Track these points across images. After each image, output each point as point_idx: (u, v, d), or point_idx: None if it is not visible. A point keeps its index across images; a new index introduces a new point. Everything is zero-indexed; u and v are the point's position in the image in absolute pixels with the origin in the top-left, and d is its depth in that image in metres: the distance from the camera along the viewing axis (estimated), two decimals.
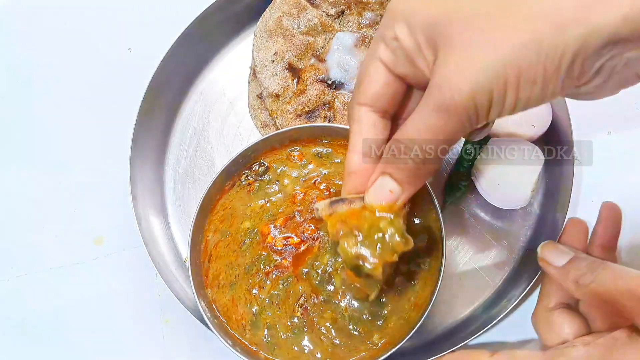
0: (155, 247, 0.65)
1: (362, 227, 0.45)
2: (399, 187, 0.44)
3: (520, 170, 0.61)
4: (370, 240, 0.45)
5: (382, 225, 0.45)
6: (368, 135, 0.46)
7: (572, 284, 0.45)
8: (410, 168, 0.43)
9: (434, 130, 0.40)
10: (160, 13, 0.75)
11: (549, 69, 0.37)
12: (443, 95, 0.38)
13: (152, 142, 0.68)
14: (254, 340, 0.57)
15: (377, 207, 0.45)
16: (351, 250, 0.46)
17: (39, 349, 0.67)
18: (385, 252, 0.45)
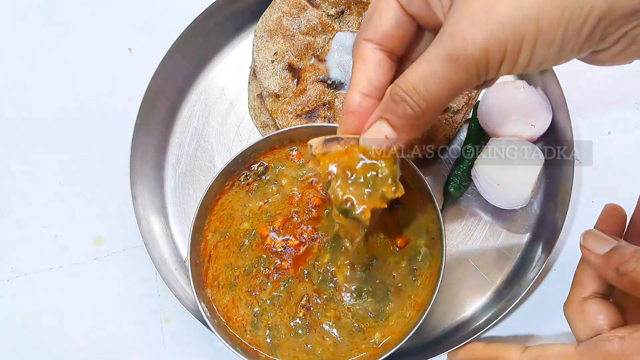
0: (155, 247, 0.65)
1: (354, 170, 0.44)
2: (395, 133, 0.43)
3: (520, 170, 0.61)
4: (361, 185, 0.45)
5: (374, 170, 0.44)
6: (371, 75, 0.44)
7: (613, 272, 0.44)
8: (409, 116, 0.41)
9: (439, 80, 0.39)
10: (160, 13, 0.75)
11: (570, 30, 0.35)
12: (455, 45, 0.37)
13: (152, 142, 0.68)
14: (255, 340, 0.57)
15: (372, 151, 0.44)
16: (341, 193, 0.45)
17: (39, 349, 0.67)
18: (375, 198, 0.45)
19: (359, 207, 0.45)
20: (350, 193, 0.45)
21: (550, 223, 0.63)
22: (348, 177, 0.45)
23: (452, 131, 0.65)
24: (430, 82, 0.39)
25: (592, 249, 0.47)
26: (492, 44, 0.36)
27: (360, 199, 0.45)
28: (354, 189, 0.45)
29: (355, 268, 0.57)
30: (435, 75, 0.38)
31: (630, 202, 0.56)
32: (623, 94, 0.69)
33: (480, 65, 0.37)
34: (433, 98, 0.40)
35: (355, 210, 0.45)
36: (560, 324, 0.64)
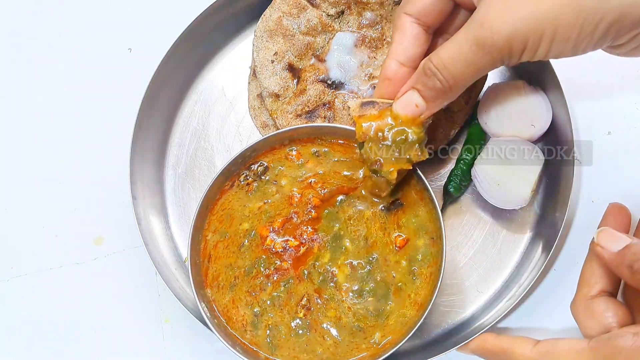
0: (155, 247, 0.65)
1: (386, 134, 0.51)
2: (424, 103, 0.49)
3: (520, 170, 0.61)
4: (390, 147, 0.51)
5: (402, 135, 0.50)
6: (409, 46, 0.50)
7: (627, 270, 0.45)
8: (438, 89, 0.47)
9: (466, 62, 0.44)
10: (160, 13, 0.75)
11: (584, 30, 0.40)
12: (483, 33, 0.42)
13: (152, 142, 0.68)
14: (254, 340, 0.57)
15: (402, 118, 0.50)
16: (373, 153, 0.52)
17: (39, 349, 0.67)
18: (402, 160, 0.51)
19: (387, 167, 0.51)
20: (380, 154, 0.51)
21: (550, 223, 0.63)
22: (380, 139, 0.51)
23: (452, 131, 0.65)
24: (459, 62, 0.44)
25: (606, 246, 0.47)
26: (515, 35, 0.41)
27: (388, 160, 0.51)
28: (384, 151, 0.51)
29: (356, 267, 0.57)
30: (463, 57, 0.44)
31: (630, 202, 0.56)
32: (623, 94, 0.69)
33: (503, 52, 0.43)
34: (460, 76, 0.45)
35: (383, 170, 0.52)
36: (561, 324, 0.64)
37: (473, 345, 0.55)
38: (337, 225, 0.58)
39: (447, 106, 0.63)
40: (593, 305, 0.49)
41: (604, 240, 0.48)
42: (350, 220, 0.58)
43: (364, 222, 0.58)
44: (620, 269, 0.46)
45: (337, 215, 0.58)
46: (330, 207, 0.59)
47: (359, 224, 0.58)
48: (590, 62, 0.68)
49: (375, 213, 0.58)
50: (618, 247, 0.47)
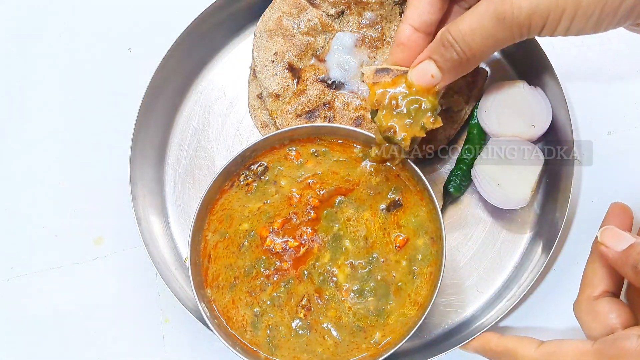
0: (155, 247, 0.65)
1: (400, 102, 0.50)
2: (440, 73, 0.48)
3: (520, 170, 0.61)
4: (404, 115, 0.51)
5: (417, 104, 0.50)
6: (424, 11, 0.50)
7: (631, 269, 0.45)
8: (454, 61, 0.46)
9: (485, 35, 0.44)
10: (160, 13, 0.75)
11: (607, 7, 0.40)
12: (504, 7, 0.42)
13: (152, 142, 0.68)
14: (254, 340, 0.57)
15: (417, 87, 0.50)
16: (386, 121, 0.51)
17: (39, 349, 0.67)
18: (415, 127, 0.51)
19: (400, 134, 0.51)
20: (393, 121, 0.51)
21: (550, 223, 0.63)
22: (393, 107, 0.51)
23: (452, 131, 0.65)
24: (478, 34, 0.44)
25: (610, 245, 0.47)
26: (535, 11, 0.41)
27: (402, 127, 0.51)
28: (398, 118, 0.51)
29: (356, 267, 0.57)
30: (483, 30, 0.44)
31: (630, 202, 0.56)
32: (623, 94, 0.69)
33: (523, 27, 0.43)
34: (478, 48, 0.45)
35: (397, 137, 0.51)
36: (561, 323, 0.64)
37: (476, 344, 0.55)
38: (337, 226, 0.58)
39: (447, 106, 0.64)
40: (596, 306, 0.48)
41: (608, 239, 0.48)
42: (349, 221, 0.58)
43: (364, 223, 0.58)
44: (625, 269, 0.45)
45: (336, 216, 0.58)
46: (329, 207, 0.59)
47: (359, 225, 0.58)
48: (590, 62, 0.69)
49: (374, 213, 0.58)
50: (622, 247, 0.46)
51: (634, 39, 0.68)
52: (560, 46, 0.69)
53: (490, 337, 0.53)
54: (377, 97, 0.51)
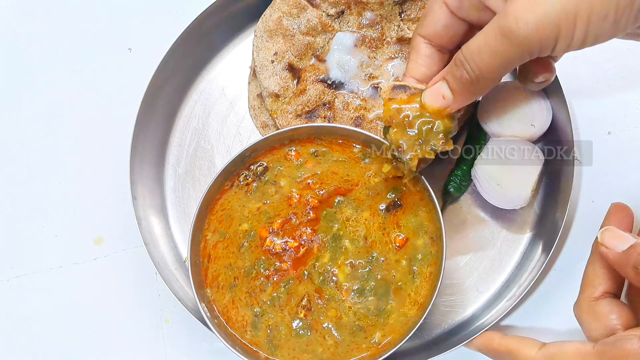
0: (155, 247, 0.65)
1: (412, 121, 0.50)
2: (451, 95, 0.48)
3: (520, 170, 0.61)
4: (416, 135, 0.50)
5: (429, 125, 0.50)
6: (422, 65, 0.51)
7: (632, 270, 0.44)
8: (465, 80, 0.46)
9: (492, 52, 0.43)
10: (160, 13, 0.75)
11: (622, 3, 0.38)
12: (508, 22, 0.41)
13: (152, 142, 0.68)
14: (255, 340, 0.57)
15: (429, 108, 0.50)
16: (397, 138, 0.51)
17: (39, 349, 0.67)
18: (425, 148, 0.51)
19: (408, 154, 0.51)
20: (404, 140, 0.51)
21: (550, 223, 0.63)
22: (406, 125, 0.50)
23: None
24: (485, 53, 0.43)
25: (610, 246, 0.47)
26: (544, 22, 0.39)
27: (411, 147, 0.51)
28: (408, 137, 0.51)
29: (356, 267, 0.57)
30: (489, 48, 0.43)
31: (630, 202, 0.56)
32: (623, 94, 0.69)
33: (532, 43, 0.41)
34: (486, 67, 0.44)
35: (405, 156, 0.51)
36: (561, 324, 0.64)
37: (478, 343, 0.55)
38: (336, 226, 0.58)
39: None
40: (597, 307, 0.48)
41: (609, 240, 0.48)
42: (348, 221, 0.58)
43: (363, 223, 0.58)
44: (626, 270, 0.45)
45: (336, 216, 0.58)
46: (328, 207, 0.59)
47: (358, 225, 0.58)
48: (590, 62, 0.69)
49: (374, 213, 0.58)
50: (623, 247, 0.46)
51: None
52: None
53: (493, 336, 0.53)
54: (391, 114, 0.51)
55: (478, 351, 0.56)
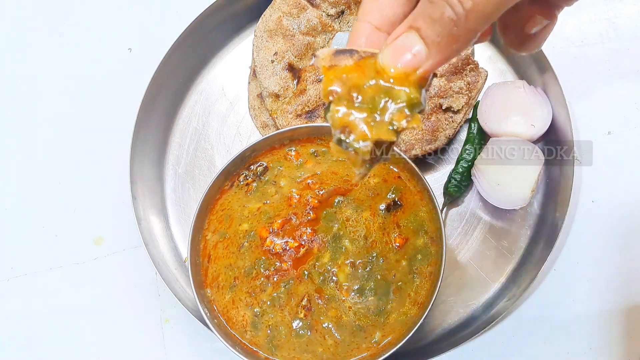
0: (155, 247, 0.65)
1: (364, 90, 0.35)
2: (426, 49, 0.33)
3: (520, 170, 0.61)
4: (368, 110, 0.35)
5: (388, 95, 0.35)
6: (384, 4, 0.36)
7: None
8: (447, 22, 0.32)
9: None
10: (160, 13, 0.75)
11: None
12: None
13: (152, 142, 0.68)
14: (254, 340, 0.57)
15: (389, 72, 0.34)
16: (341, 117, 0.36)
17: (39, 349, 0.67)
18: (382, 127, 0.35)
19: (358, 138, 0.35)
20: (352, 119, 0.36)
21: (550, 223, 0.63)
22: (354, 99, 0.36)
23: (452, 131, 0.65)
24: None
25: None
26: None
27: (362, 128, 0.35)
28: (358, 113, 0.35)
29: (356, 267, 0.57)
30: None
31: (630, 202, 0.56)
32: (623, 94, 0.69)
33: None
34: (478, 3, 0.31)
35: (353, 140, 0.36)
36: (562, 323, 0.64)
37: None
38: (336, 226, 0.58)
39: (447, 106, 0.64)
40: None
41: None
42: (348, 221, 0.58)
43: (363, 223, 0.58)
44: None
45: (336, 216, 0.58)
46: (328, 208, 0.59)
47: (358, 225, 0.58)
48: (590, 62, 0.69)
49: (374, 213, 0.58)
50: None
51: (634, 39, 0.68)
52: (560, 46, 0.69)
53: None
54: (333, 85, 0.36)
55: None
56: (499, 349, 0.63)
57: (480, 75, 0.66)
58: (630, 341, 0.62)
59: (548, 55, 0.62)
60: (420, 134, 0.64)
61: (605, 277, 0.64)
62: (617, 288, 0.63)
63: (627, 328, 0.63)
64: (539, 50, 0.39)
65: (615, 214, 0.65)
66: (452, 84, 0.64)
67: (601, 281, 0.64)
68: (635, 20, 0.69)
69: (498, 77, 0.68)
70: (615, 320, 0.63)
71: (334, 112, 0.36)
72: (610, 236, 0.64)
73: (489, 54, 0.69)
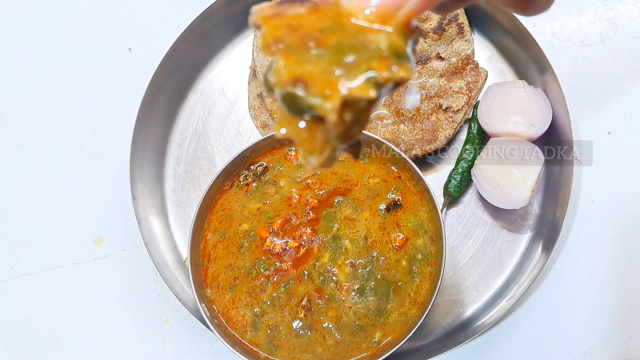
0: (155, 247, 0.65)
1: (324, 37, 0.24)
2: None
3: (520, 170, 0.61)
4: (333, 59, 0.24)
5: (363, 39, 0.24)
6: None
7: None
8: None
9: None
10: (160, 13, 0.75)
11: None
12: None
13: (152, 142, 0.68)
14: (254, 340, 0.57)
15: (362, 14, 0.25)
16: (292, 69, 0.24)
17: (39, 349, 0.67)
18: (354, 75, 0.23)
19: (320, 88, 0.23)
20: (307, 69, 0.24)
21: (550, 223, 0.63)
22: (309, 48, 0.24)
23: (452, 131, 0.65)
24: None
25: None
26: None
27: (324, 77, 0.23)
28: (316, 61, 0.24)
29: (356, 267, 0.57)
30: None
31: (630, 202, 0.56)
32: (623, 94, 0.69)
33: None
34: None
35: (312, 95, 0.23)
36: (562, 323, 0.64)
37: None
38: (336, 226, 0.58)
39: (447, 106, 0.64)
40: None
41: None
42: (348, 221, 0.58)
43: (363, 222, 0.58)
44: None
45: (335, 216, 0.59)
46: (328, 208, 0.59)
47: (358, 225, 0.58)
48: (590, 62, 0.69)
49: (374, 213, 0.58)
50: None
51: (634, 39, 0.68)
52: (560, 46, 0.69)
53: None
54: (278, 35, 0.25)
55: None
56: (499, 349, 0.63)
57: (480, 75, 0.66)
58: (630, 341, 0.62)
59: (548, 55, 0.62)
60: (420, 134, 0.64)
61: (605, 277, 0.64)
62: (617, 288, 0.63)
63: (627, 328, 0.63)
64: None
65: (615, 214, 0.65)
66: (452, 84, 0.64)
67: (601, 281, 0.64)
68: (635, 20, 0.69)
69: (498, 77, 0.68)
70: (615, 320, 0.63)
71: (281, 63, 0.24)
72: (610, 236, 0.64)
73: (489, 54, 0.69)
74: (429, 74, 0.65)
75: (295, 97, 0.24)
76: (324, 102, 0.23)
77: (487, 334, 0.63)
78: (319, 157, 0.25)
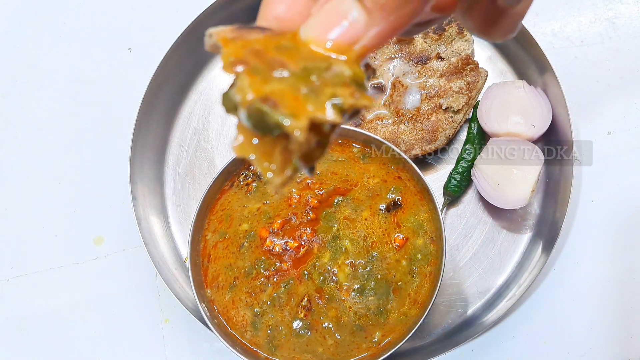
0: (155, 247, 0.65)
1: (287, 61, 0.25)
2: (365, 14, 0.24)
3: (520, 170, 0.61)
4: (296, 80, 0.24)
5: (327, 64, 0.25)
6: None
7: None
8: None
9: None
10: (160, 13, 0.75)
11: None
12: None
13: (152, 142, 0.68)
14: (254, 340, 0.57)
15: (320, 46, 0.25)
16: (258, 86, 0.25)
17: (39, 349, 0.67)
18: (320, 99, 0.23)
19: (289, 109, 0.23)
20: (276, 88, 0.24)
21: (550, 223, 0.63)
22: (274, 69, 0.25)
23: (452, 131, 0.65)
24: None
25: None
26: None
27: (292, 97, 0.24)
28: (282, 82, 0.24)
29: (356, 267, 0.57)
30: None
31: (630, 202, 0.56)
32: (623, 94, 0.69)
33: None
34: None
35: (282, 115, 0.23)
36: (562, 323, 0.64)
37: None
38: (336, 226, 0.58)
39: (447, 106, 0.64)
40: None
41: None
42: (348, 221, 0.58)
43: (363, 223, 0.58)
44: None
45: (335, 216, 0.59)
46: (328, 208, 0.59)
47: (358, 225, 0.58)
48: (590, 62, 0.69)
49: (374, 213, 0.58)
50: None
51: (634, 39, 0.68)
52: (560, 46, 0.69)
53: None
54: (237, 53, 0.26)
55: None
56: (499, 349, 0.63)
57: (480, 75, 0.66)
58: (630, 341, 0.62)
59: (548, 55, 0.62)
60: (420, 134, 0.64)
61: (605, 277, 0.64)
62: (617, 288, 0.63)
63: (627, 328, 0.63)
64: (511, 38, 0.29)
65: (615, 213, 0.65)
66: (452, 84, 0.64)
67: (601, 281, 0.64)
68: (635, 20, 0.69)
69: (498, 77, 0.68)
70: (615, 320, 0.63)
71: (244, 81, 0.25)
72: (610, 236, 0.64)
73: (489, 54, 0.69)
74: (429, 74, 0.65)
75: (263, 115, 0.24)
76: (294, 121, 0.23)
77: (487, 334, 0.63)
78: (280, 176, 0.25)
